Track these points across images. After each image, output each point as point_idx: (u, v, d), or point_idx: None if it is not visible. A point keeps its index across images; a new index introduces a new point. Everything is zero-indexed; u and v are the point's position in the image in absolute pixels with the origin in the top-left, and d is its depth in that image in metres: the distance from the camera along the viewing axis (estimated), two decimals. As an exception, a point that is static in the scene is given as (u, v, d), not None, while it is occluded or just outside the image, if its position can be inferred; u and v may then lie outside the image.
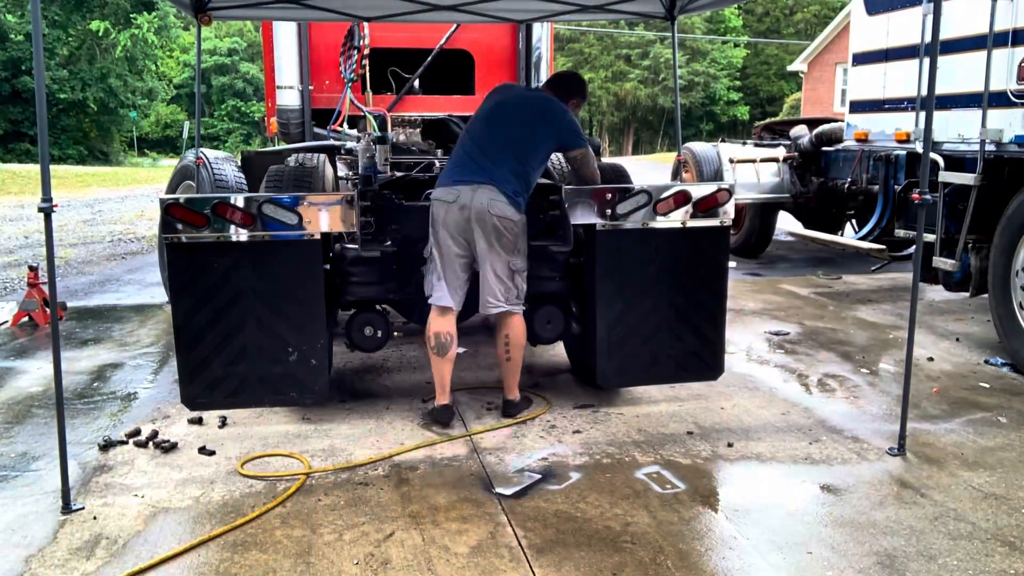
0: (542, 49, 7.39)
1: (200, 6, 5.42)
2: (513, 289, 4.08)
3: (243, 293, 3.83)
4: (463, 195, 3.95)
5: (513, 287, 4.08)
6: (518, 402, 4.34)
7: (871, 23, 7.09)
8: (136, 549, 3.01)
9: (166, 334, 6.04)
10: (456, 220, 3.97)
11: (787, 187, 8.73)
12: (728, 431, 4.12)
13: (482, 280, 4.07)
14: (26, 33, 30.43)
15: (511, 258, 4.03)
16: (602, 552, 2.98)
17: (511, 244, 4.01)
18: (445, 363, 4.17)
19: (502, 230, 3.96)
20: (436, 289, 4.09)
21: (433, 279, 4.11)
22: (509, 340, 4.17)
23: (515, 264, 4.06)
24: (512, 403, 4.32)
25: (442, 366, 4.18)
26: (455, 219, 3.97)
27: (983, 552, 2.97)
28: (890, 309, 6.84)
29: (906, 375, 3.83)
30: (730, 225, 4.24)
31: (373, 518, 3.24)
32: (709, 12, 42.81)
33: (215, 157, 6.35)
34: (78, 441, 3.98)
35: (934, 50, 3.74)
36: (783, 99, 41.99)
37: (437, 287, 4.09)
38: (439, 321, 4.12)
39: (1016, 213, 5.14)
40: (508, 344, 4.18)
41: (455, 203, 3.96)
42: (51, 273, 3.41)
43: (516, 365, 4.25)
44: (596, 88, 45.87)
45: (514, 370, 4.26)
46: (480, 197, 3.93)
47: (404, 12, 5.84)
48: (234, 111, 48.09)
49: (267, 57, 7.15)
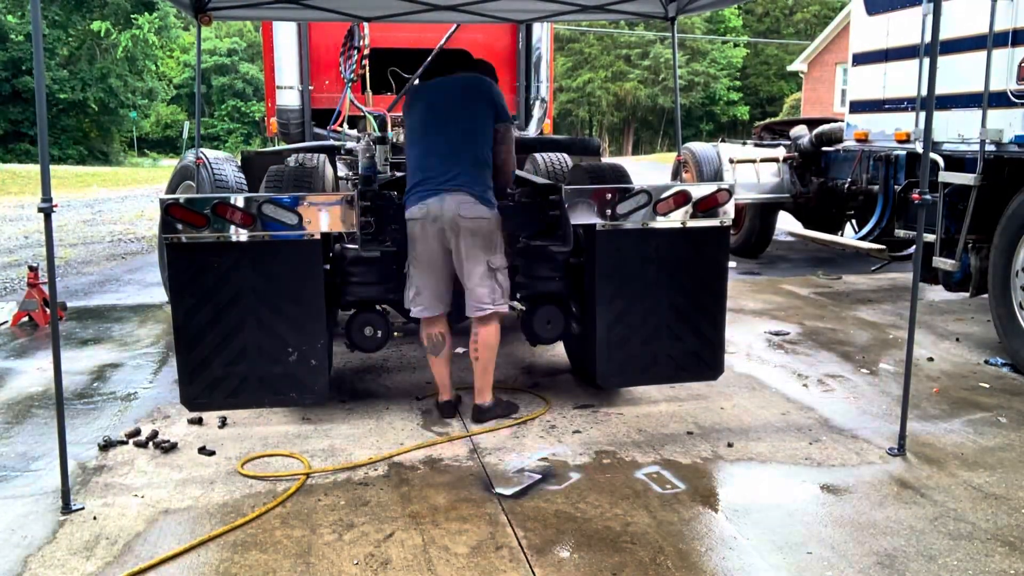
0: (542, 49, 7.40)
1: (200, 6, 5.42)
2: (498, 288, 4.07)
3: (243, 293, 3.84)
4: (432, 207, 3.93)
5: (497, 286, 4.07)
6: (489, 407, 4.23)
7: (871, 23, 7.08)
8: (136, 549, 3.01)
9: (166, 334, 6.04)
10: (432, 233, 3.97)
11: (787, 187, 8.73)
12: (728, 431, 4.12)
13: (466, 286, 4.07)
14: (26, 33, 30.43)
15: (489, 257, 4.02)
16: (602, 552, 2.98)
17: (486, 242, 3.99)
18: (442, 361, 4.21)
19: (475, 230, 3.95)
20: (416, 303, 4.11)
21: (411, 293, 4.12)
22: (479, 339, 4.12)
23: (494, 262, 4.04)
24: (481, 408, 4.22)
25: (439, 365, 4.22)
26: (431, 232, 3.97)
27: (983, 552, 2.97)
28: (890, 309, 6.84)
29: (906, 375, 3.83)
30: (730, 225, 4.24)
31: (373, 518, 3.24)
32: (709, 12, 42.83)
33: (215, 157, 6.35)
34: (78, 441, 3.97)
35: (934, 50, 3.74)
36: (783, 99, 41.99)
37: (417, 301, 4.10)
38: (429, 323, 4.16)
39: (1016, 213, 5.14)
40: (476, 343, 4.13)
41: (427, 218, 3.94)
42: (51, 273, 3.41)
43: (485, 366, 4.16)
44: (596, 88, 45.89)
45: (482, 371, 4.18)
46: (448, 205, 3.91)
47: (404, 12, 5.84)
48: (234, 111, 48.10)
49: (267, 57, 7.15)
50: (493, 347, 4.15)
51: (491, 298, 4.05)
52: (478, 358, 4.16)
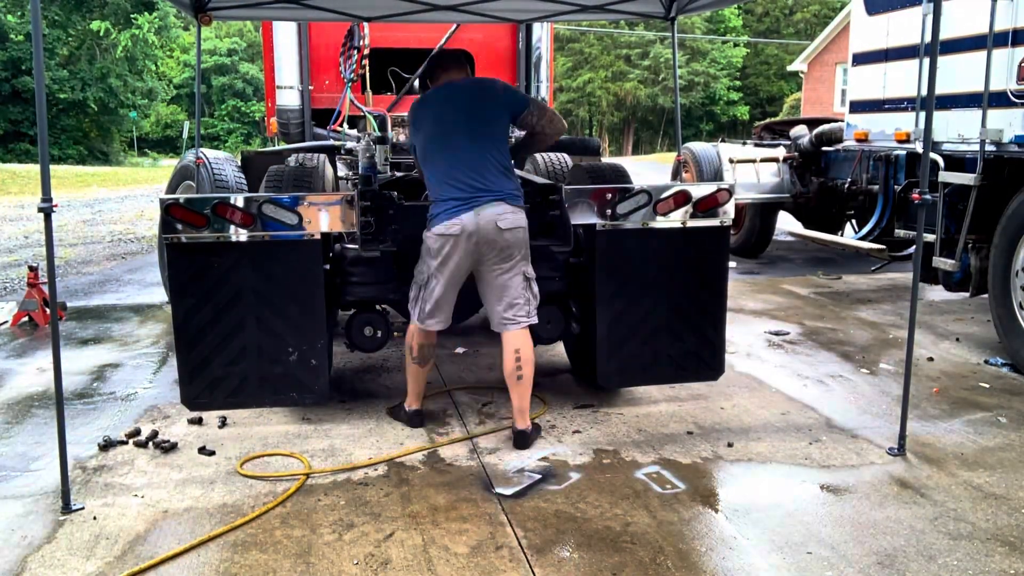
0: (542, 49, 7.40)
1: (200, 6, 5.42)
2: (533, 300, 3.94)
3: (243, 293, 3.83)
4: (467, 224, 3.71)
5: (532, 297, 3.93)
6: (532, 431, 3.97)
7: (871, 23, 7.09)
8: (136, 549, 3.01)
9: (166, 334, 6.04)
10: (465, 250, 3.76)
11: (787, 187, 8.73)
12: (728, 431, 4.12)
13: (500, 298, 3.88)
14: (26, 33, 30.44)
15: (526, 267, 3.90)
16: (602, 552, 2.98)
17: (524, 252, 3.87)
18: (423, 372, 4.13)
19: (513, 242, 3.78)
20: (432, 317, 3.94)
21: (427, 307, 3.94)
22: (521, 355, 3.85)
23: (529, 272, 3.92)
24: (525, 434, 3.92)
25: (420, 374, 4.13)
26: (466, 248, 3.75)
27: (983, 552, 2.97)
28: (890, 309, 6.84)
29: (906, 375, 3.83)
30: (730, 225, 4.24)
31: (373, 518, 3.24)
32: (709, 12, 42.85)
33: (215, 157, 6.35)
34: (78, 441, 3.97)
35: (934, 50, 3.74)
36: (783, 99, 41.99)
37: (434, 314, 3.94)
38: (423, 334, 4.03)
39: (1016, 213, 5.14)
40: (520, 359, 3.86)
41: (461, 235, 3.72)
42: (51, 273, 3.41)
43: (528, 384, 3.89)
44: (596, 88, 45.91)
45: (525, 391, 3.89)
46: (485, 218, 3.71)
47: (404, 12, 5.84)
48: (234, 111, 48.12)
49: (267, 57, 7.15)
50: (534, 361, 3.93)
51: (526, 309, 3.90)
52: (522, 376, 3.86)
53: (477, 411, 4.42)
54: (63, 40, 32.40)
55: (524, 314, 3.89)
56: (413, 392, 4.18)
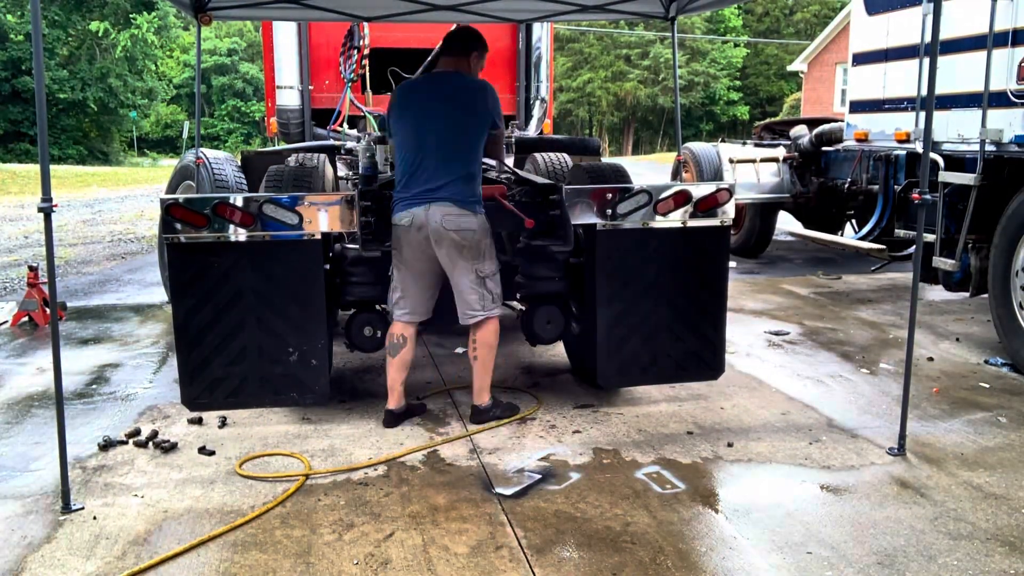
0: (542, 49, 7.41)
1: (200, 6, 5.43)
2: (487, 295, 4.05)
3: (243, 293, 3.84)
4: (417, 216, 3.88)
5: (487, 293, 4.04)
6: (487, 408, 4.21)
7: (871, 23, 7.09)
8: (136, 549, 3.01)
9: (166, 334, 6.04)
10: (416, 241, 3.92)
11: (787, 187, 8.73)
12: (728, 431, 4.12)
13: (456, 293, 4.05)
14: (26, 33, 30.44)
15: (478, 265, 3.99)
16: (602, 552, 2.98)
17: (474, 252, 3.96)
18: (397, 365, 4.13)
19: (461, 242, 3.90)
20: (400, 307, 4.10)
21: (395, 296, 4.11)
22: (476, 338, 4.10)
23: (483, 270, 4.01)
24: (479, 409, 4.21)
25: (393, 368, 4.14)
26: (415, 240, 3.92)
27: (983, 552, 2.97)
28: (890, 309, 6.84)
29: (906, 375, 3.83)
30: (730, 225, 4.24)
31: (373, 518, 3.24)
32: (709, 12, 42.85)
33: (215, 157, 6.35)
34: (78, 441, 3.97)
35: (934, 50, 3.74)
36: (783, 99, 42.01)
37: (401, 304, 4.09)
38: (398, 324, 4.13)
39: (1016, 213, 5.14)
40: (476, 345, 4.11)
41: (411, 226, 3.90)
42: (51, 273, 3.41)
43: (484, 365, 4.14)
44: (596, 88, 45.90)
45: (481, 371, 4.15)
46: (433, 215, 3.86)
47: (404, 12, 5.85)
48: (234, 111, 48.12)
49: (267, 57, 7.16)
50: (492, 346, 4.13)
51: (481, 304, 4.03)
52: (476, 357, 4.13)
53: (477, 411, 4.41)
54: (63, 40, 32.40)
55: (479, 308, 4.04)
56: (389, 388, 4.21)
